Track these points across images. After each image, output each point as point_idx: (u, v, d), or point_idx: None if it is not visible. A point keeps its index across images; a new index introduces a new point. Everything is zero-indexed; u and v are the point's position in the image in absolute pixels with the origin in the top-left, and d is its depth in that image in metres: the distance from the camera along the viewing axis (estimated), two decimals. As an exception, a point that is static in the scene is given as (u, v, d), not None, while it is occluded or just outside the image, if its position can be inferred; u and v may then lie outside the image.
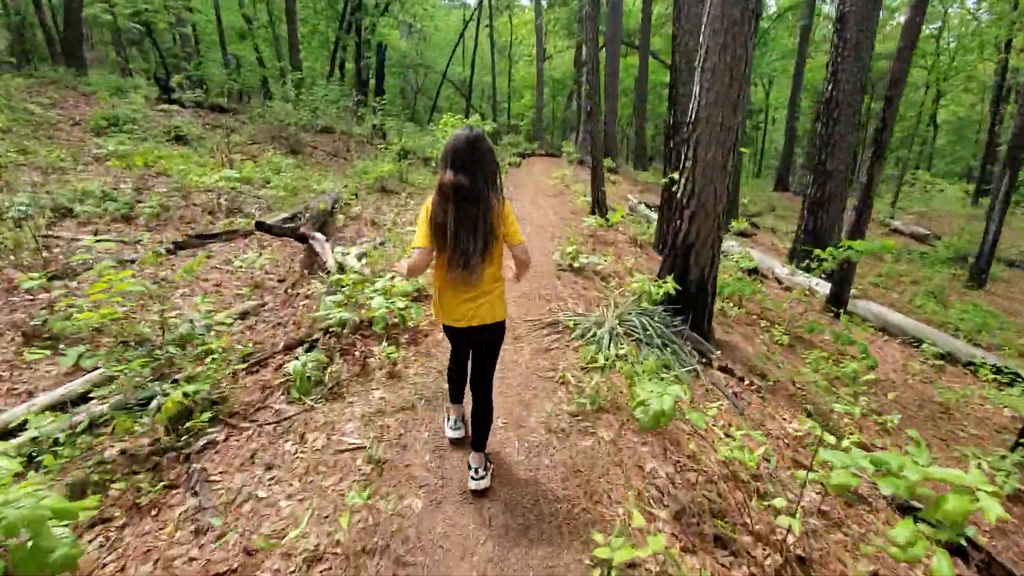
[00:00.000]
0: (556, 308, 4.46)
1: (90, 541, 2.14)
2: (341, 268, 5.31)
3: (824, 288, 8.19)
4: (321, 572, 1.92)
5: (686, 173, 4.20)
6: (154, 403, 3.05)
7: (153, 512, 2.30)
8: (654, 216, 10.18)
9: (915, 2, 6.50)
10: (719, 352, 4.14)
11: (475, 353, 2.38)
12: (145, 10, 16.64)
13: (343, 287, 4.02)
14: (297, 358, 3.26)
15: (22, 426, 2.81)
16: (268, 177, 9.70)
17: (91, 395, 3.39)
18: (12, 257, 5.19)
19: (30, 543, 1.61)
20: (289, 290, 5.15)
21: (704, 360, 4.13)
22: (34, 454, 2.66)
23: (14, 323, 4.23)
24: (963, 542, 2.46)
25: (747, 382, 4.02)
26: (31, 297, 4.63)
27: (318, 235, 5.71)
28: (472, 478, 2.32)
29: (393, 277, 4.22)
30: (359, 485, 2.34)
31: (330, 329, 3.66)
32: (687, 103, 6.64)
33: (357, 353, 3.52)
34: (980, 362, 6.26)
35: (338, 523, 2.11)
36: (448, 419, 2.73)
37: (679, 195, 4.31)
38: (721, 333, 4.94)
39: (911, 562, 1.66)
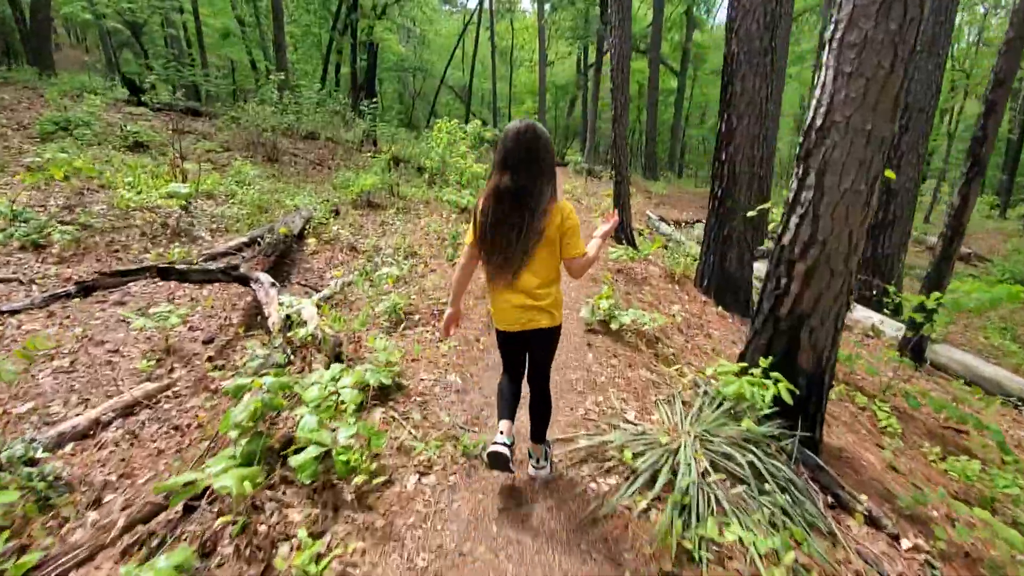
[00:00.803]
0: (594, 408, 2.89)
1: None
2: (289, 324, 3.74)
3: (890, 326, 6.66)
4: None
5: (801, 208, 2.64)
6: None
7: None
8: (682, 238, 8.64)
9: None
10: (864, 498, 2.55)
11: (530, 353, 2.19)
12: (129, 10, 15.16)
13: (263, 392, 2.43)
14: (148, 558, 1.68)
15: None
16: (234, 190, 8.15)
17: None
18: None
19: None
20: (211, 362, 3.58)
21: (833, 502, 2.57)
22: None
23: None
24: None
25: (907, 544, 2.46)
26: None
27: (261, 276, 4.14)
28: (533, 466, 2.28)
29: (347, 368, 2.66)
30: None
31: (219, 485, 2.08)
32: (750, 102, 5.12)
33: (261, 528, 1.94)
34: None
35: None
36: (499, 434, 2.12)
37: (786, 241, 2.74)
38: (824, 430, 3.39)
39: None
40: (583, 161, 15.38)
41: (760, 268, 6.21)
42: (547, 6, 24.00)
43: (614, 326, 3.74)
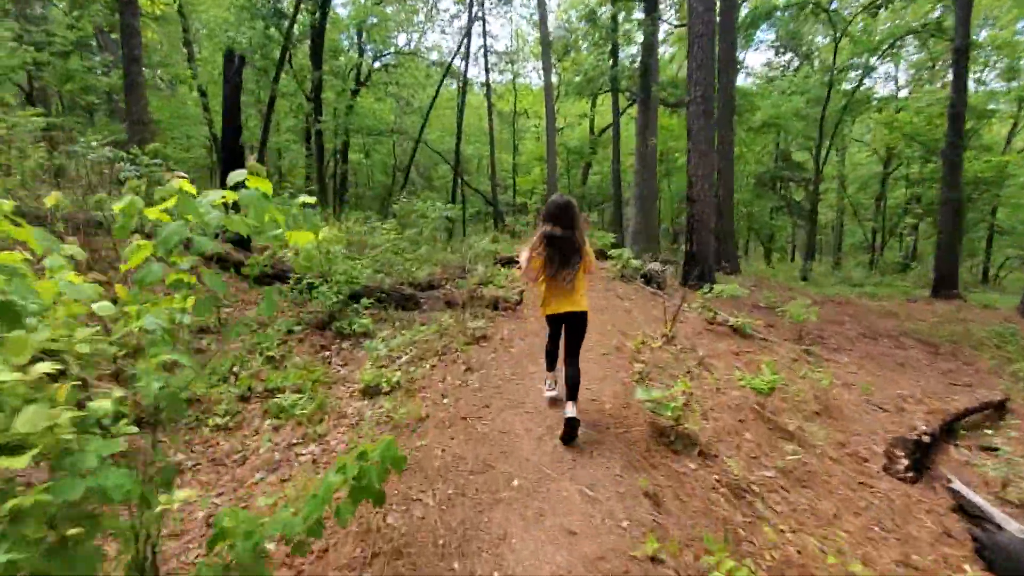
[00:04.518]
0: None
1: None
2: None
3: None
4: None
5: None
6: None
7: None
8: None
9: None
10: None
11: (568, 334, 3.43)
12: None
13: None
14: None
15: None
16: None
17: None
18: None
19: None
20: None
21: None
22: None
23: None
24: None
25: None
26: None
27: None
28: (567, 413, 3.18)
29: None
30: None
31: None
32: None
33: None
34: None
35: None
36: (545, 382, 3.82)
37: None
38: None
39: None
40: (628, 254, 8.77)
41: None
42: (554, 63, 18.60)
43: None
